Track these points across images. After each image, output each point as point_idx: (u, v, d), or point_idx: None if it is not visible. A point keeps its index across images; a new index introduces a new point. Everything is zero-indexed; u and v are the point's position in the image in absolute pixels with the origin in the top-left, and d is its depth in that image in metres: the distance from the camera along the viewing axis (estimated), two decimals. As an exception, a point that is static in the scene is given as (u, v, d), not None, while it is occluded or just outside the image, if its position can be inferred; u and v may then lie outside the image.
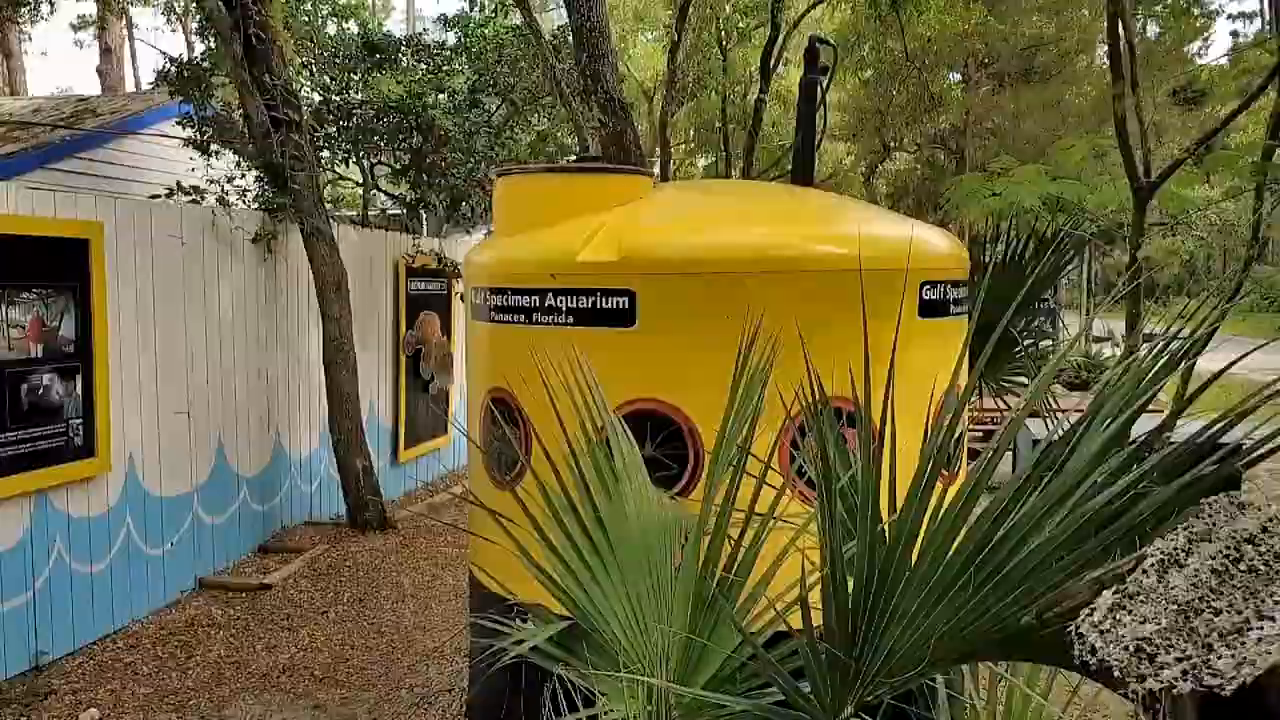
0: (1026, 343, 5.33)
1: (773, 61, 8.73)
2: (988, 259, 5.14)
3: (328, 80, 8.03)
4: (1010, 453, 6.55)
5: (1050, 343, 15.18)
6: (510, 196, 3.71)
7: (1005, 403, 5.08)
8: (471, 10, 8.58)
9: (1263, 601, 0.99)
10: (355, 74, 8.31)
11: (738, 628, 1.70)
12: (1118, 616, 1.01)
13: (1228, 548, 1.08)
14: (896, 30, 9.10)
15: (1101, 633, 1.00)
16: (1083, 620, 1.02)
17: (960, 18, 9.75)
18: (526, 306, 3.42)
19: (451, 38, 8.87)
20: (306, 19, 8.85)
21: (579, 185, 3.59)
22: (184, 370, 5.47)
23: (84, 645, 4.72)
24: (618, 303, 3.27)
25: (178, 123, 9.46)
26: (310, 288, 6.49)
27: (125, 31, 19.67)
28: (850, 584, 1.59)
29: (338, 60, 8.60)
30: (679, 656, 2.08)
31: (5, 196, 4.31)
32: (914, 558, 1.53)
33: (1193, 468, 1.53)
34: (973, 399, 5.47)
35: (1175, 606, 1.00)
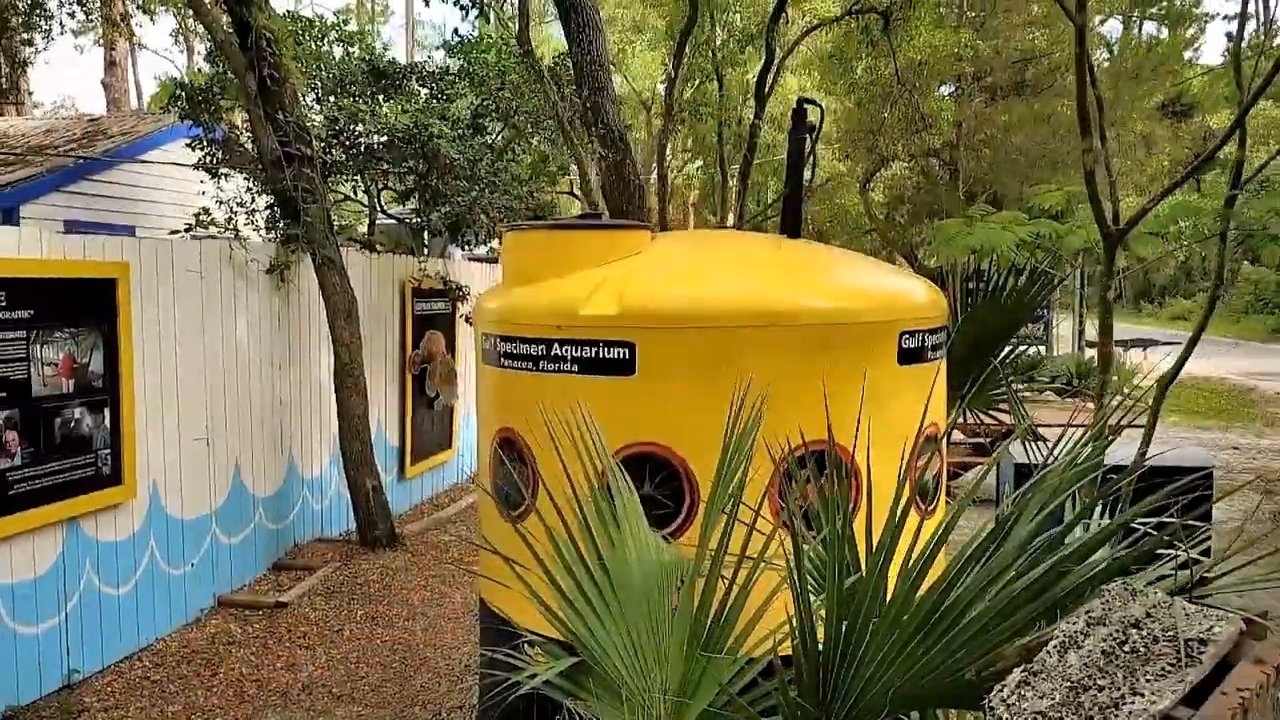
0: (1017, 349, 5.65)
1: (767, 87, 9.00)
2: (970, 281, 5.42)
3: (335, 111, 8.27)
4: (995, 472, 6.83)
5: (1042, 349, 15.57)
6: (518, 249, 3.96)
7: (984, 419, 5.37)
8: (476, 46, 8.81)
9: (1138, 679, 1.24)
10: (362, 101, 8.55)
11: (718, 682, 1.95)
12: (1022, 692, 1.26)
13: (1117, 631, 1.33)
14: (887, 52, 9.34)
15: (1008, 706, 1.24)
16: (994, 694, 1.27)
17: (949, 40, 9.97)
18: (533, 355, 3.68)
19: (455, 64, 9.11)
20: (314, 45, 9.09)
21: (582, 240, 3.84)
22: (203, 398, 5.72)
23: (112, 664, 4.97)
24: (619, 353, 3.52)
25: (188, 145, 9.69)
26: (321, 313, 6.74)
27: (128, 43, 19.88)
28: (820, 638, 1.84)
29: (343, 86, 8.84)
30: (675, 691, 2.33)
31: (40, 241, 4.55)
32: (876, 618, 1.78)
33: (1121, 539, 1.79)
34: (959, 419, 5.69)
35: (1069, 684, 1.25)
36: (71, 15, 11.25)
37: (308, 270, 6.65)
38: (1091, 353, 19.27)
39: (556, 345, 3.60)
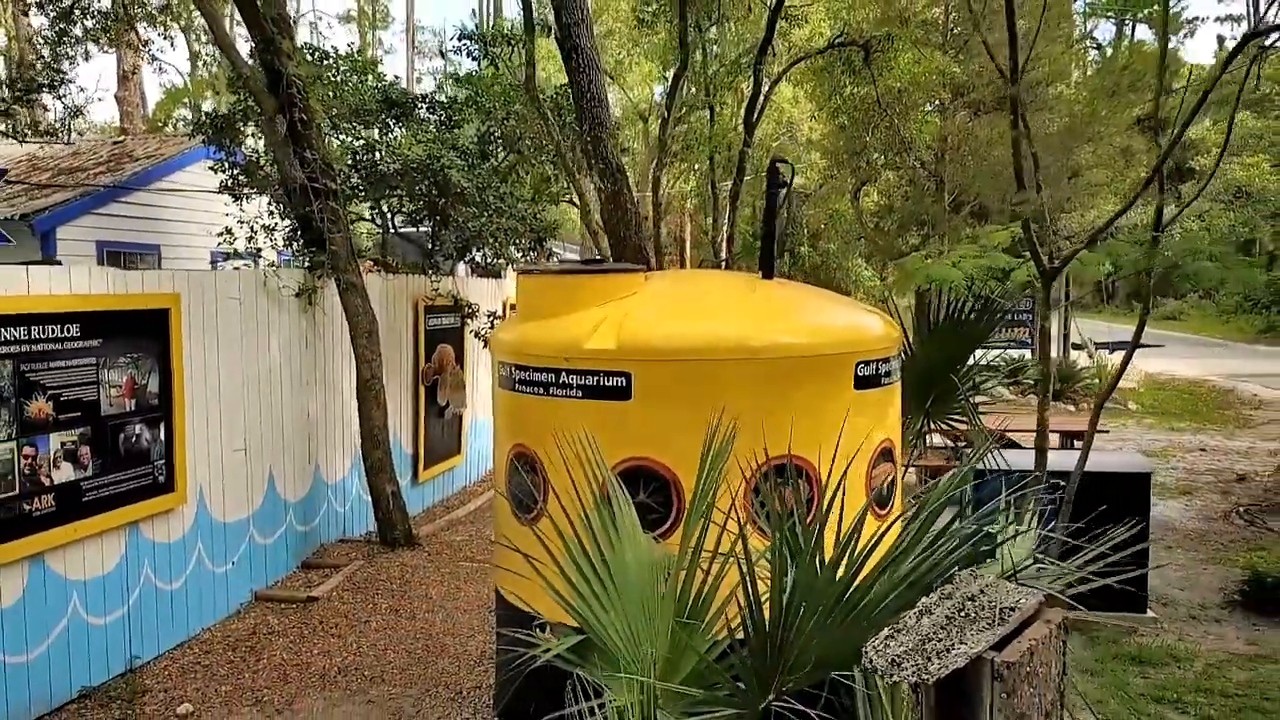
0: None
1: (755, 116, 9.61)
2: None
3: (354, 141, 8.87)
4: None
5: (1027, 354, 16.37)
6: (530, 290, 4.58)
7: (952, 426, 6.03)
8: (483, 80, 9.41)
9: (966, 634, 1.84)
10: (376, 129, 9.15)
11: (696, 651, 2.55)
12: (887, 643, 1.86)
13: (958, 603, 1.93)
14: (870, 79, 9.95)
15: (877, 652, 1.84)
16: (868, 644, 1.87)
17: (929, 67, 10.58)
18: (544, 381, 4.30)
19: (462, 93, 9.71)
20: (330, 76, 9.68)
21: (585, 283, 4.45)
22: (242, 412, 6.32)
23: (167, 651, 5.58)
24: (617, 381, 4.14)
25: (210, 168, 10.30)
26: (344, 332, 7.35)
27: (143, 61, 20.46)
28: (766, 616, 2.44)
29: (359, 115, 9.44)
30: (663, 661, 2.93)
31: (105, 278, 5.16)
32: (806, 605, 2.38)
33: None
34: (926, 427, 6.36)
35: (919, 637, 1.85)
36: (96, 41, 11.80)
37: (332, 294, 7.26)
38: (1075, 355, 19.88)
39: (564, 374, 4.23)
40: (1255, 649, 5.62)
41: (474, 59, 8.13)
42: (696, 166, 14.03)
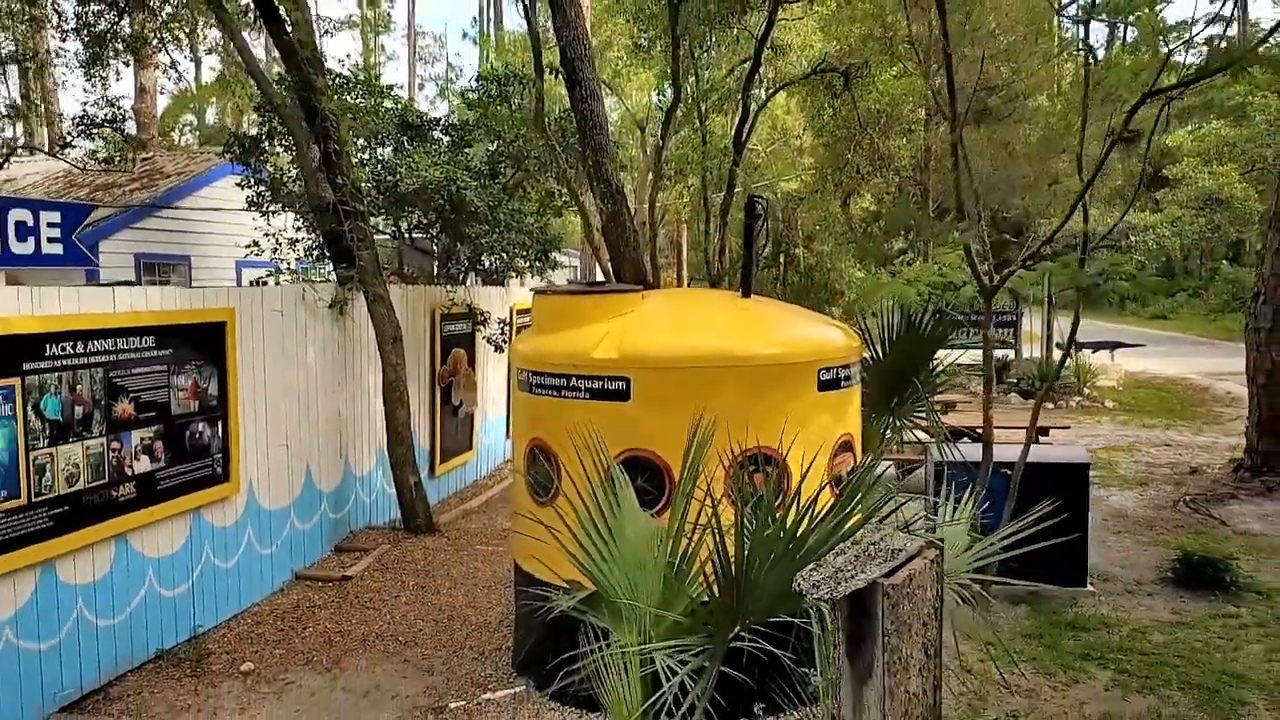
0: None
1: (744, 138, 10.38)
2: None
3: (376, 165, 9.64)
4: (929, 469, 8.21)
5: (1010, 354, 17.32)
6: (545, 308, 5.36)
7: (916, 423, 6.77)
8: (492, 101, 10.19)
9: (867, 567, 2.62)
10: (394, 150, 9.93)
11: (687, 595, 3.33)
12: (811, 574, 2.63)
13: (864, 547, 2.71)
14: (851, 102, 10.73)
15: (804, 579, 2.61)
16: (798, 575, 2.64)
17: (907, 89, 11.36)
18: (557, 385, 5.08)
19: (473, 116, 10.49)
20: (349, 98, 10.45)
21: (590, 302, 5.23)
22: (284, 411, 7.10)
23: (223, 621, 6.36)
24: (619, 385, 4.93)
25: (237, 184, 11.06)
26: (371, 340, 8.12)
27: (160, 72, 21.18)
28: (732, 568, 3.21)
29: (377, 137, 10.22)
30: (656, 608, 3.70)
31: (175, 296, 5.93)
32: (760, 559, 3.16)
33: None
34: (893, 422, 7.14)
35: (834, 569, 2.62)
36: (126, 64, 12.56)
37: (360, 305, 8.03)
38: (1057, 355, 20.62)
39: (574, 379, 5.02)
40: (1177, 618, 6.40)
41: (490, 97, 8.88)
42: (691, 183, 14.81)
